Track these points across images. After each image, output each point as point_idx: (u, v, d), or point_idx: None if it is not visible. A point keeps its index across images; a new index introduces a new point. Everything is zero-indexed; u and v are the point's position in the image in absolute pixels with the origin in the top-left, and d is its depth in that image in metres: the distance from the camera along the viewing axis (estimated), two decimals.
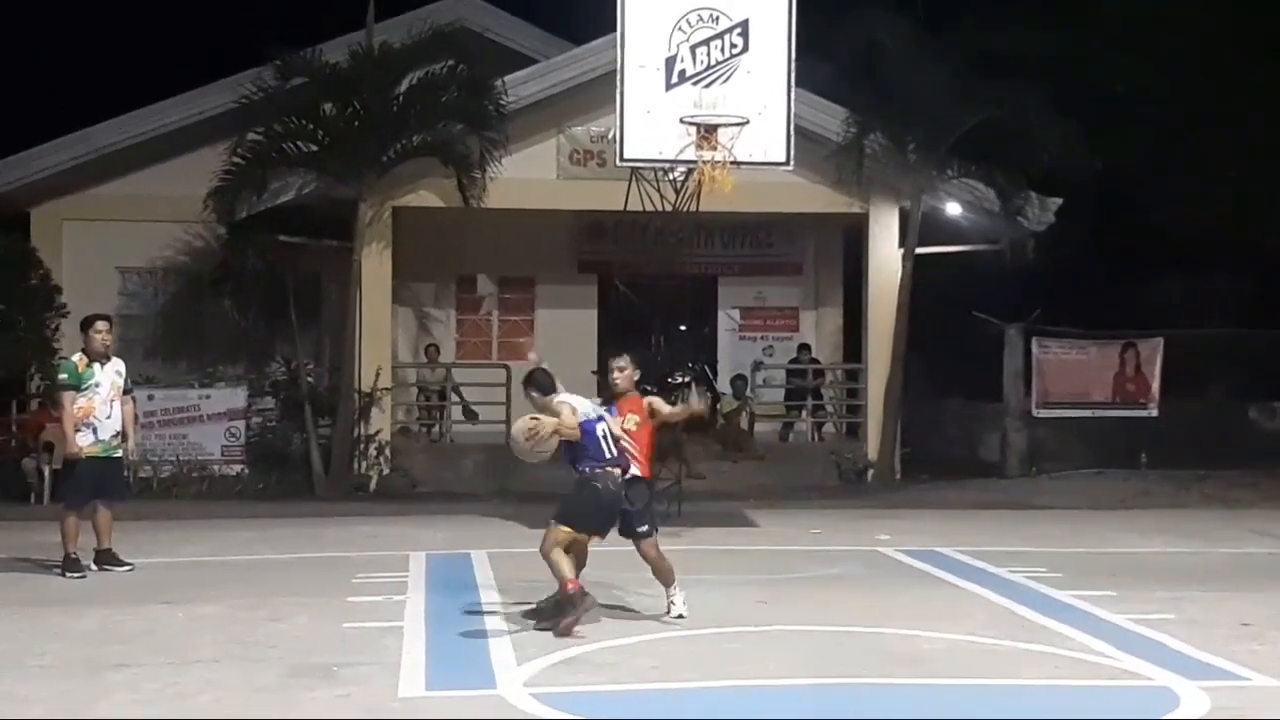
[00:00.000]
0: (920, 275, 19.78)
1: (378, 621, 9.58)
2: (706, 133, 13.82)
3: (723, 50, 14.15)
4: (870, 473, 19.57)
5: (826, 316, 22.89)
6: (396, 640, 9.03)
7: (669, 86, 14.07)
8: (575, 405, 9.67)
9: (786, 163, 14.39)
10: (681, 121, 13.90)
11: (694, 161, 13.92)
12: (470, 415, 20.26)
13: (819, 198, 19.65)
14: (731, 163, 13.79)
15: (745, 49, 14.17)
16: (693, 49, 14.10)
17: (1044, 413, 20.91)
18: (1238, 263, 23.86)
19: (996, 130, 18.89)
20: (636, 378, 10.34)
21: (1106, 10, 24.51)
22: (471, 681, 8.07)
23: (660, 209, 15.27)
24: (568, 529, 9.65)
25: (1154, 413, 20.94)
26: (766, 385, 21.77)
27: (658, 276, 17.11)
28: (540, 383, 9.80)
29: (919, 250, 19.71)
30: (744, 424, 20.72)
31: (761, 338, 22.88)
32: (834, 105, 19.10)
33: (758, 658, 8.71)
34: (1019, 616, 10.03)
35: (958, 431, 22.61)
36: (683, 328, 22.75)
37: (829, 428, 21.99)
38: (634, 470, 9.93)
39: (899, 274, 19.75)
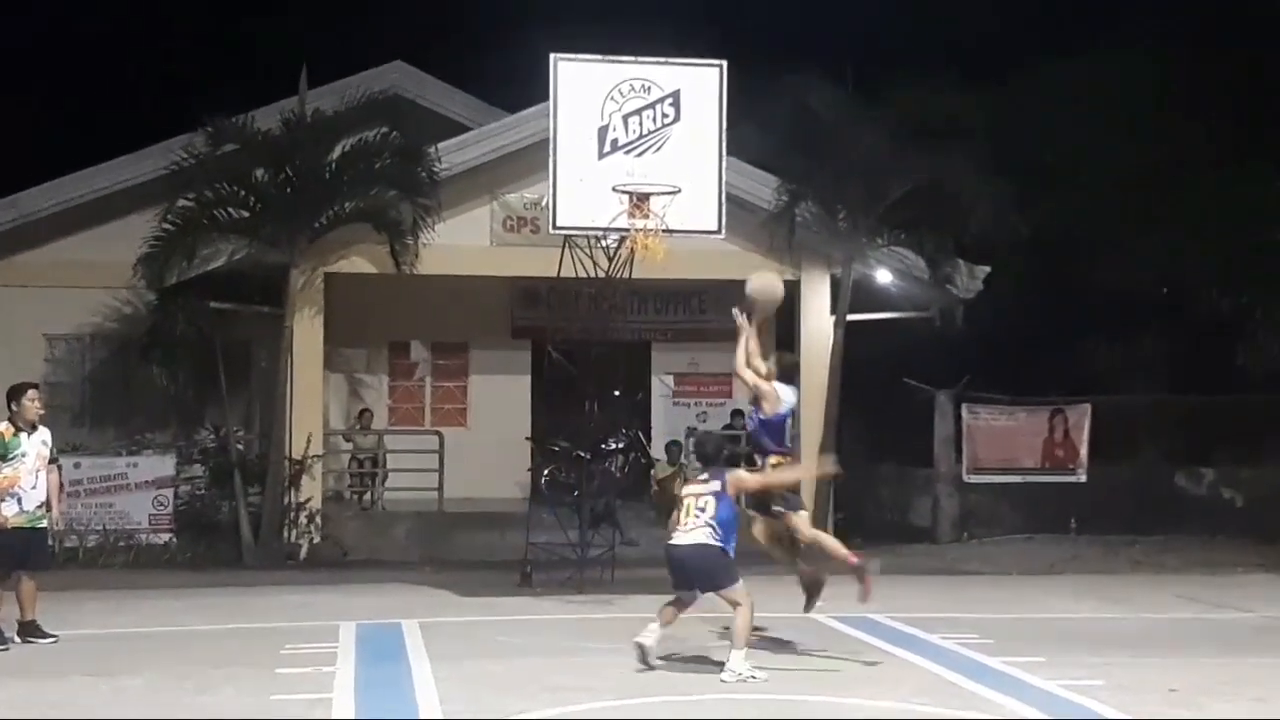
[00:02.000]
0: (852, 342, 19.92)
1: (306, 693, 9.46)
2: (639, 201, 13.92)
3: (655, 120, 14.28)
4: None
5: None
6: (325, 711, 8.94)
7: (601, 155, 14.17)
8: (781, 393, 10.99)
9: (718, 231, 14.52)
10: (614, 190, 13.99)
11: (626, 229, 14.00)
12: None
13: (751, 265, 19.58)
14: (664, 230, 13.90)
15: (677, 118, 14.31)
16: (625, 118, 14.22)
17: (975, 478, 21.06)
18: (1167, 328, 24.23)
19: (926, 197, 19.12)
20: None
21: (1038, 78, 24.97)
22: None
23: (594, 276, 15.33)
24: (804, 511, 11.10)
25: (1083, 478, 21.14)
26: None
27: (591, 343, 17.13)
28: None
29: (850, 317, 19.85)
30: (678, 489, 20.65)
31: (695, 404, 22.94)
32: (765, 174, 19.27)
33: None
34: (950, 683, 10.07)
35: (890, 497, 22.72)
36: (617, 393, 22.77)
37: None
38: None
39: (831, 340, 19.87)
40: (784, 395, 11.00)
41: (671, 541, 10.68)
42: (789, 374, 11.43)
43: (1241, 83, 23.77)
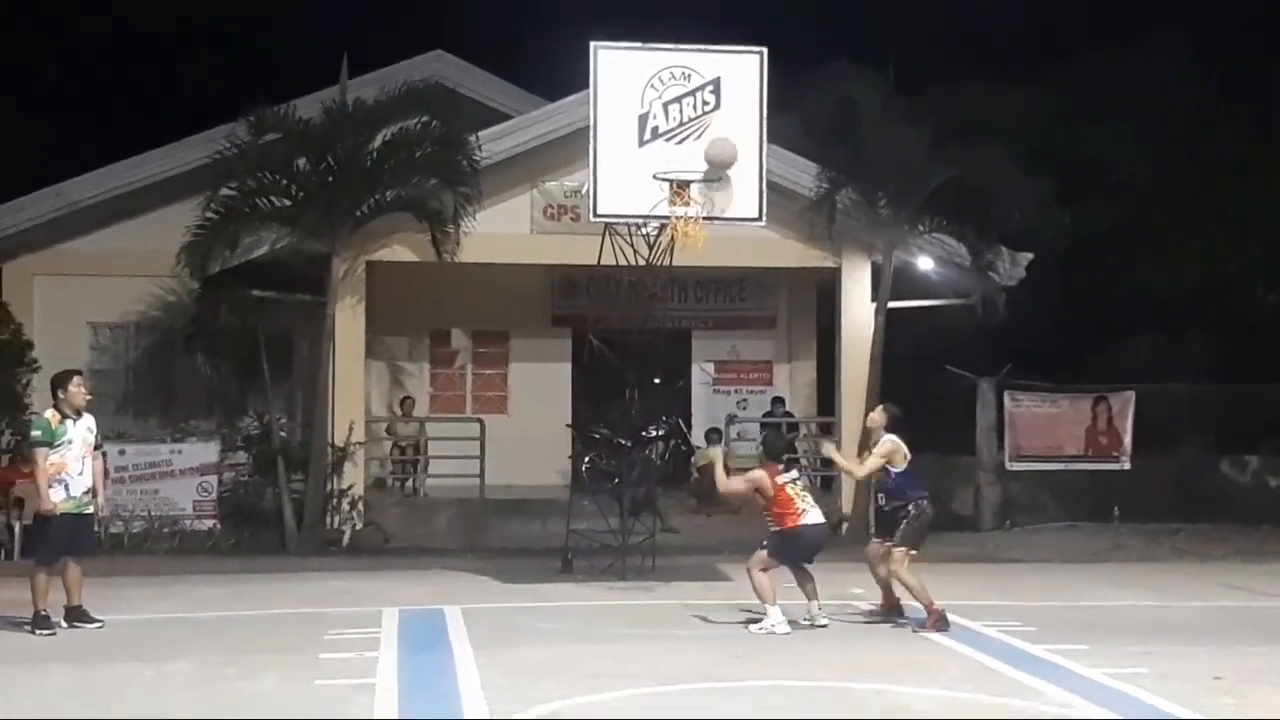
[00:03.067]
0: (893, 329, 19.87)
1: (349, 679, 9.51)
2: (679, 188, 13.88)
3: (695, 107, 14.23)
4: (844, 526, 19.54)
5: (800, 370, 22.96)
6: (368, 697, 8.98)
7: (642, 143, 14.13)
8: (899, 445, 12.22)
9: (759, 218, 14.47)
10: (654, 178, 13.95)
11: (667, 217, 13.97)
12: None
13: (792, 252, 19.76)
14: (704, 218, 13.85)
15: (717, 106, 14.25)
16: (665, 106, 14.17)
17: (1017, 466, 20.97)
18: (1210, 322, 24.06)
19: (968, 188, 19.04)
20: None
21: (1081, 74, 24.85)
22: None
23: (634, 264, 15.32)
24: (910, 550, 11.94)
25: (1126, 466, 21.02)
26: (741, 439, 21.77)
27: (632, 331, 17.12)
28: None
29: (891, 304, 19.81)
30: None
31: (735, 391, 22.93)
32: (806, 161, 19.23)
33: (729, 713, 8.69)
34: (993, 671, 10.04)
35: (932, 485, 22.46)
36: (657, 381, 22.75)
37: (803, 481, 21.93)
38: None
39: (871, 328, 19.83)
40: (901, 446, 12.24)
41: (812, 521, 12.12)
42: (895, 424, 12.44)
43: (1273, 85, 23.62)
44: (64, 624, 11.59)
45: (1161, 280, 23.69)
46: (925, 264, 20.09)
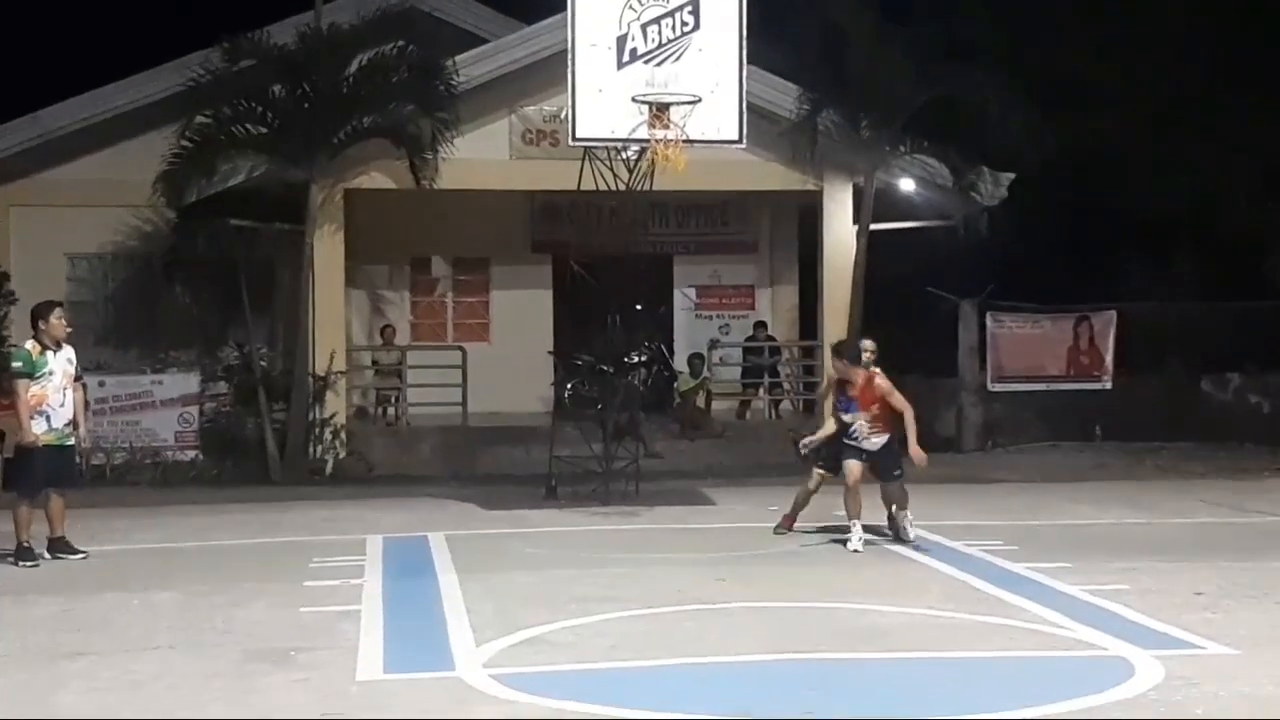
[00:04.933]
0: (875, 252, 19.83)
1: (335, 605, 9.54)
2: (659, 111, 13.76)
3: (674, 28, 14.08)
4: None
5: (782, 294, 22.93)
6: (354, 624, 9.00)
7: (620, 65, 13.99)
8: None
9: (740, 141, 14.36)
10: (634, 100, 13.82)
11: (647, 140, 13.86)
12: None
13: (773, 176, 19.65)
14: (684, 141, 13.74)
15: (697, 27, 14.11)
16: (644, 27, 14.02)
17: (999, 387, 21.03)
18: (1194, 240, 24.04)
19: (951, 108, 18.94)
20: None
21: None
22: (430, 664, 8.05)
23: (614, 189, 15.22)
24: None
25: (1108, 386, 21.09)
26: (723, 364, 21.78)
27: (613, 256, 17.04)
28: None
29: (874, 227, 19.76)
30: (701, 402, 20.72)
31: (718, 316, 22.88)
32: (787, 83, 19.08)
33: (717, 635, 8.74)
34: (975, 590, 10.11)
35: (917, 407, 22.55)
36: (639, 307, 22.68)
37: (786, 405, 22.03)
38: None
39: (854, 251, 19.79)
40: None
41: None
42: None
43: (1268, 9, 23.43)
44: (47, 555, 11.59)
45: (1147, 199, 23.62)
46: (907, 185, 20.03)
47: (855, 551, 11.54)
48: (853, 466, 11.81)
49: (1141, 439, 20.04)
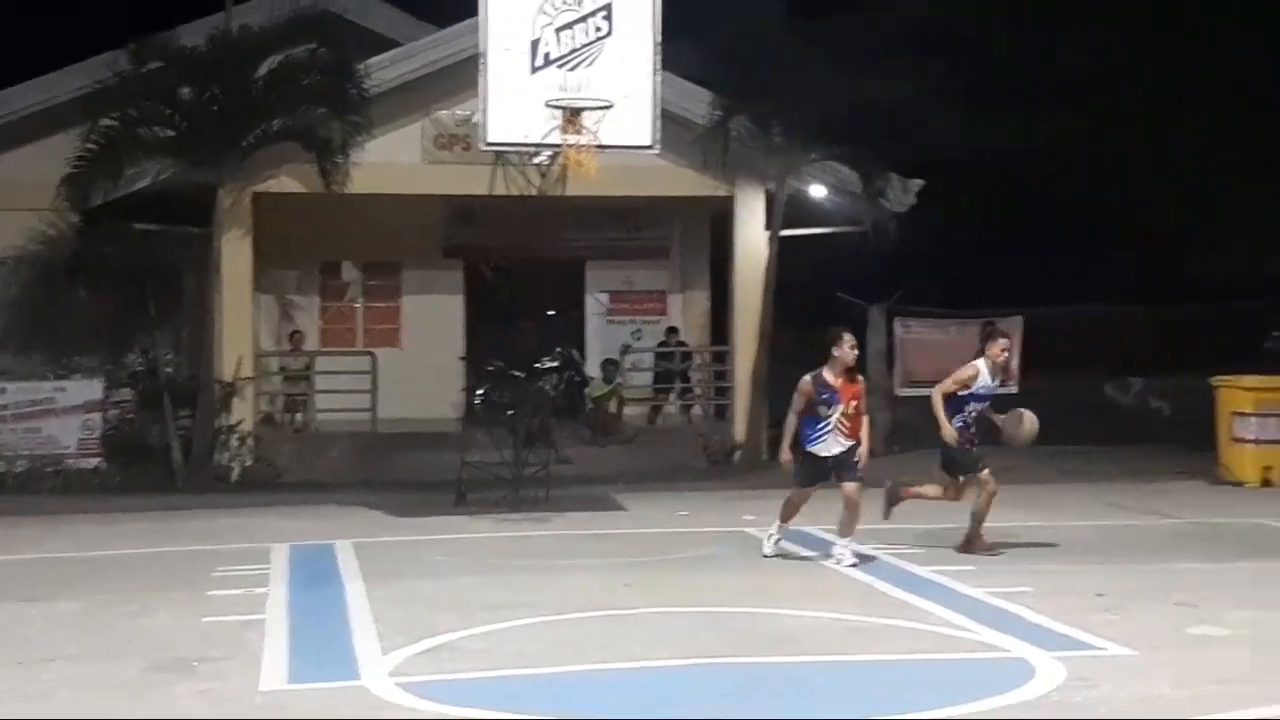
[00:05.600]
0: (787, 257, 19.95)
1: (239, 615, 9.43)
2: (571, 116, 13.80)
3: (587, 33, 14.13)
4: (738, 454, 19.71)
5: (694, 299, 23.00)
6: (258, 633, 8.90)
7: (534, 70, 14.02)
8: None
9: (652, 146, 14.43)
10: (546, 105, 13.86)
11: (559, 145, 13.89)
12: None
13: (685, 181, 19.71)
14: (597, 146, 13.79)
15: (610, 32, 14.16)
16: (557, 32, 14.06)
17: (907, 391, 21.18)
18: (1115, 243, 24.44)
19: (863, 115, 19.08)
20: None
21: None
22: (335, 673, 7.98)
23: (526, 193, 15.22)
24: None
25: (1014, 390, 21.28)
26: (635, 369, 21.82)
27: (525, 261, 17.07)
28: None
29: (785, 232, 19.88)
30: (613, 408, 20.74)
31: (630, 321, 22.89)
32: (700, 89, 19.16)
33: (624, 641, 8.74)
34: (881, 593, 10.19)
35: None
36: (551, 312, 22.72)
37: (697, 410, 22.11)
38: None
39: (765, 256, 19.90)
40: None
41: None
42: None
43: (1198, 10, 23.89)
44: None
45: (1052, 203, 24.01)
46: (818, 192, 20.18)
47: (853, 566, 11.07)
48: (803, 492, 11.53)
49: (1047, 442, 20.18)
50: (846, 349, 11.31)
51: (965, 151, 22.63)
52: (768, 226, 20.00)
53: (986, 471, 11.67)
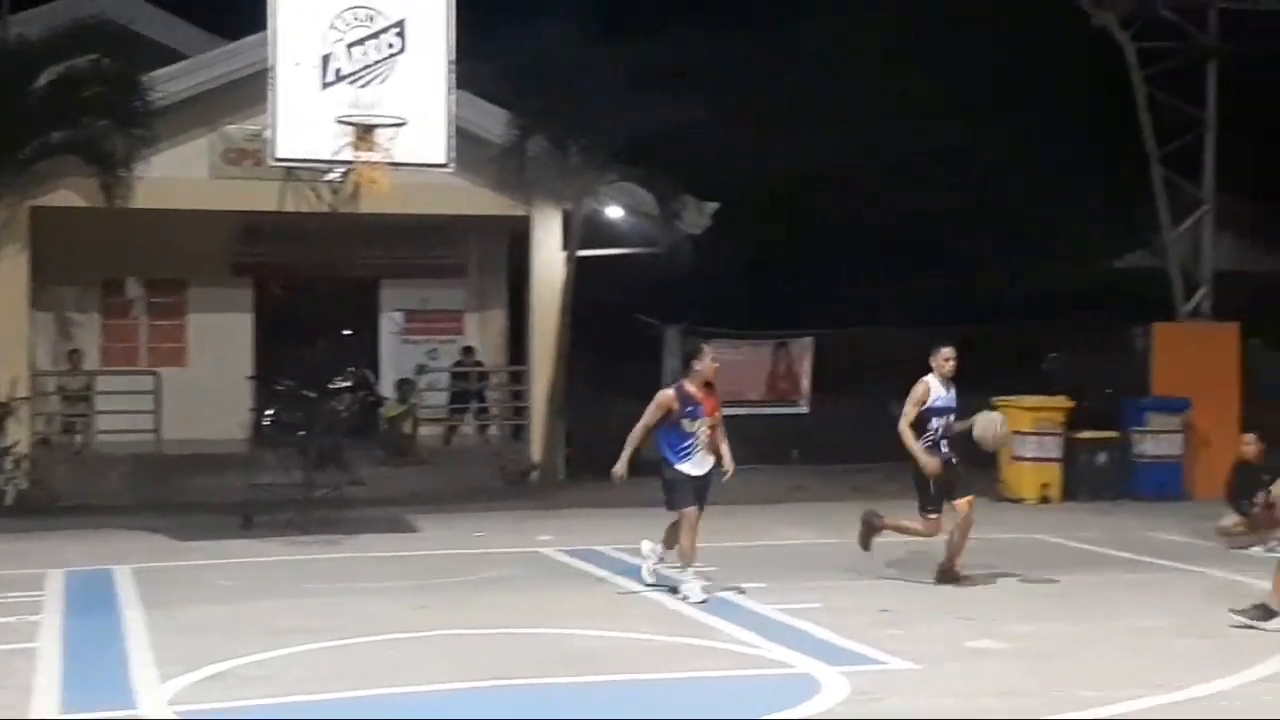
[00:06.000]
0: (585, 278, 19.97)
1: (9, 644, 9.05)
2: (364, 133, 13.57)
3: (379, 50, 13.94)
4: (535, 474, 19.64)
5: (491, 319, 22.89)
6: (29, 662, 8.55)
7: (325, 85, 13.76)
8: None
9: (446, 164, 14.28)
10: (338, 121, 13.61)
11: (351, 162, 13.65)
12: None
13: (482, 200, 19.59)
14: (390, 164, 13.59)
15: (403, 49, 13.99)
16: (349, 48, 13.83)
17: None
18: (905, 267, 25.04)
19: (659, 137, 19.24)
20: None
21: (786, 24, 25.34)
22: (110, 703, 7.70)
23: (318, 210, 14.96)
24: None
25: (805, 410, 21.70)
26: (431, 389, 21.60)
27: (317, 280, 16.78)
28: None
29: (582, 253, 19.90)
30: (407, 428, 20.48)
31: (425, 341, 22.65)
32: (496, 108, 19.07)
33: (414, 664, 8.61)
34: (673, 611, 10.24)
35: (623, 431, 22.74)
36: (345, 331, 22.38)
37: (494, 430, 21.98)
38: None
39: (562, 277, 19.89)
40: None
41: None
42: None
43: (986, 37, 24.65)
44: None
45: (856, 228, 24.54)
46: (614, 213, 20.25)
47: (702, 602, 10.42)
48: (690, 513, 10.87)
49: (837, 461, 20.66)
50: (707, 361, 11.11)
51: (763, 175, 23.02)
52: (565, 247, 20.00)
53: (935, 516, 11.30)
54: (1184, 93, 19.28)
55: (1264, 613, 9.34)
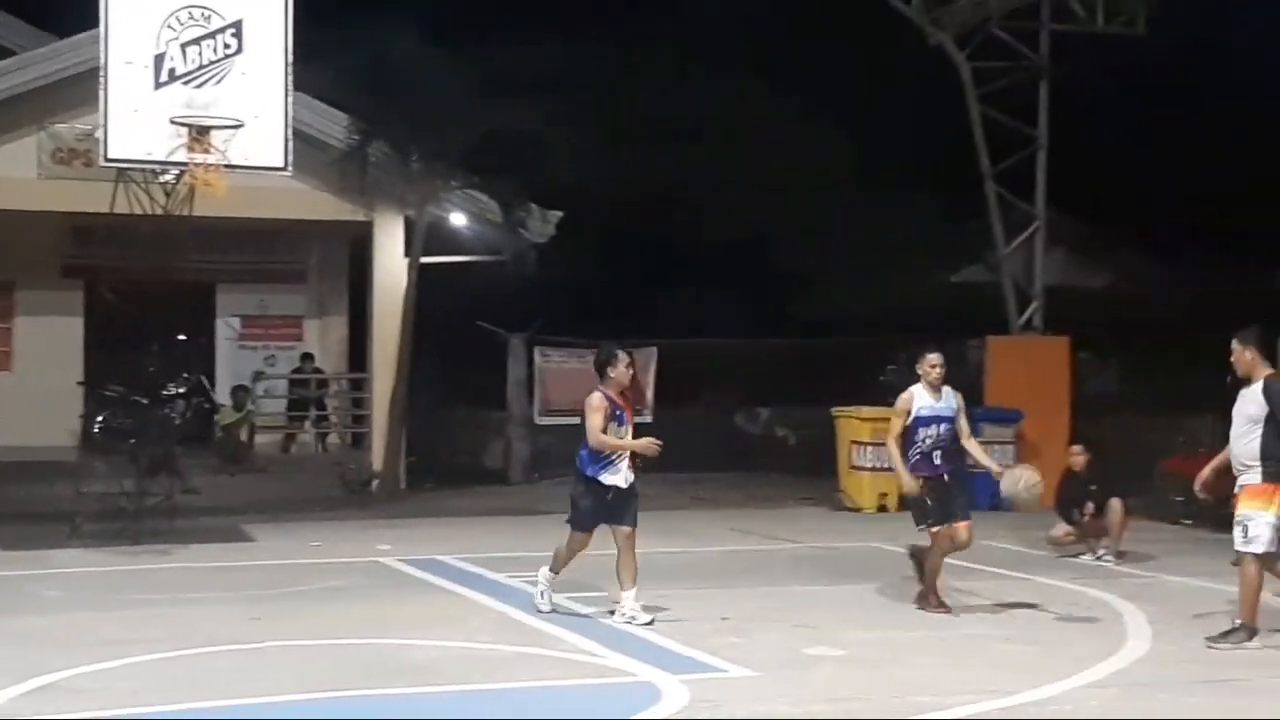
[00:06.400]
0: (428, 285, 19.80)
1: None
2: (199, 134, 13.32)
3: (216, 50, 13.69)
4: (375, 483, 19.41)
5: (331, 326, 22.58)
6: None
7: (159, 85, 13.48)
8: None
9: (285, 168, 14.06)
10: (172, 122, 13.34)
11: (186, 164, 13.37)
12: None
13: (322, 205, 19.33)
14: (225, 166, 13.34)
15: (240, 50, 13.75)
16: (184, 47, 13.56)
17: (546, 420, 21.36)
18: (737, 280, 25.31)
19: (504, 145, 19.17)
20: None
21: (633, 39, 25.46)
22: None
23: (151, 212, 14.61)
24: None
25: (649, 419, 21.74)
26: (268, 396, 21.24)
27: (151, 283, 16.36)
28: None
29: (425, 260, 19.74)
30: (244, 436, 20.10)
31: (264, 347, 22.29)
32: (337, 112, 18.84)
33: (249, 675, 8.44)
34: (514, 620, 10.19)
35: (465, 440, 22.79)
36: (180, 337, 21.91)
37: (333, 438, 21.68)
38: None
39: (405, 283, 19.69)
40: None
41: None
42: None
43: (831, 55, 25.04)
44: None
45: (697, 239, 24.75)
46: (458, 220, 20.14)
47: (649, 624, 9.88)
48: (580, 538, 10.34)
49: (679, 469, 20.75)
50: (622, 368, 10.30)
51: (610, 187, 23.09)
52: (407, 253, 19.81)
53: (939, 528, 10.39)
54: (1017, 111, 19.79)
55: (1247, 634, 9.32)
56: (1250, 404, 9.31)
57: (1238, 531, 9.24)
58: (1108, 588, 11.59)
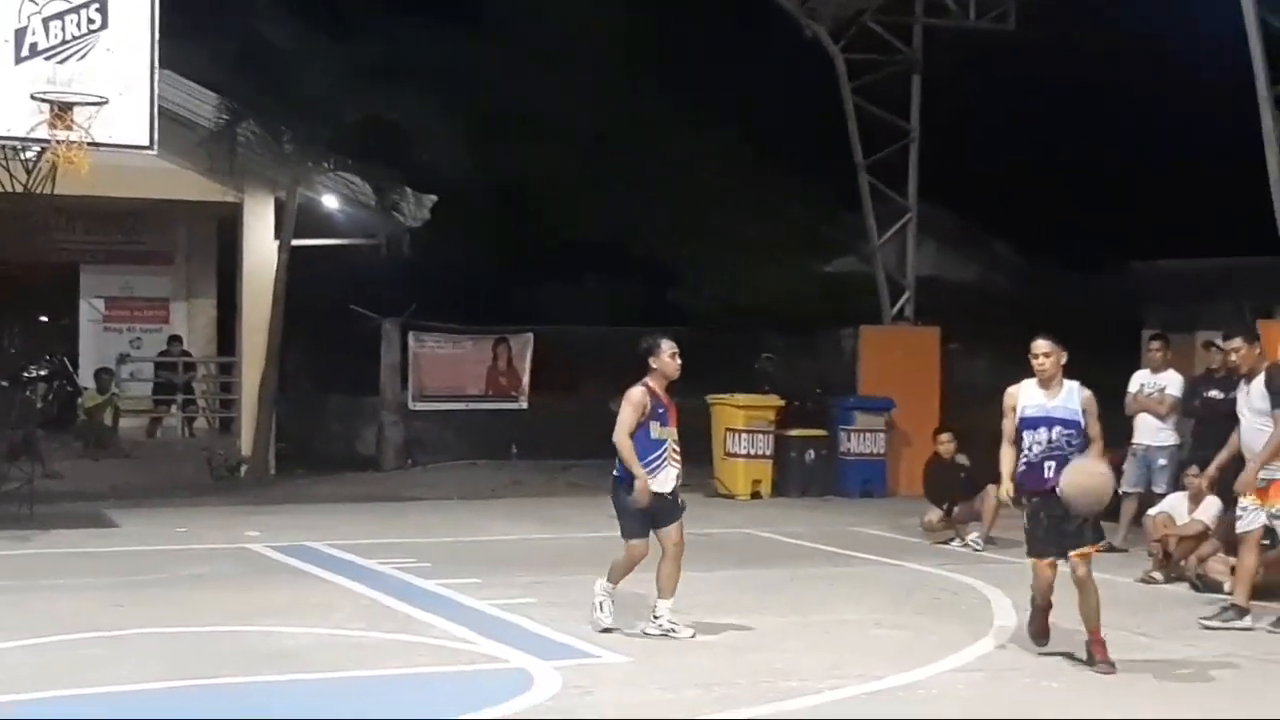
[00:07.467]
0: (301, 268, 19.54)
1: None
2: (61, 111, 12.92)
3: (79, 25, 13.28)
4: (244, 469, 19.12)
5: (199, 308, 22.18)
6: None
7: (19, 60, 13.04)
8: None
9: (150, 146, 13.68)
10: (33, 98, 12.94)
11: (47, 141, 13.00)
12: None
13: (190, 185, 18.96)
14: (89, 144, 12.98)
15: (105, 25, 13.35)
16: (45, 22, 13.14)
17: (420, 405, 21.18)
18: (611, 270, 25.34)
19: (378, 128, 18.98)
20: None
21: (514, 30, 25.32)
22: None
23: (11, 190, 14.21)
24: None
25: (524, 405, 21.71)
26: (134, 379, 20.79)
27: (11, 263, 15.94)
28: None
29: (297, 242, 19.47)
30: (107, 419, 19.64)
31: (129, 329, 21.82)
32: (207, 91, 18.49)
33: (111, 663, 8.25)
34: (385, 607, 10.08)
35: (337, 426, 22.50)
36: (42, 318, 21.40)
37: (201, 423, 21.28)
38: None
39: (275, 266, 19.41)
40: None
41: None
42: None
43: (709, 47, 25.11)
44: None
45: (570, 226, 24.72)
46: (331, 202, 19.90)
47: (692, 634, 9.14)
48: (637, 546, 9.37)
49: (556, 456, 20.74)
50: (666, 358, 9.27)
51: (487, 173, 22.97)
52: (278, 235, 19.53)
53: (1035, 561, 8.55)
54: (891, 104, 20.00)
55: (1237, 613, 9.63)
56: (1256, 398, 9.74)
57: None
58: (977, 573, 11.78)
